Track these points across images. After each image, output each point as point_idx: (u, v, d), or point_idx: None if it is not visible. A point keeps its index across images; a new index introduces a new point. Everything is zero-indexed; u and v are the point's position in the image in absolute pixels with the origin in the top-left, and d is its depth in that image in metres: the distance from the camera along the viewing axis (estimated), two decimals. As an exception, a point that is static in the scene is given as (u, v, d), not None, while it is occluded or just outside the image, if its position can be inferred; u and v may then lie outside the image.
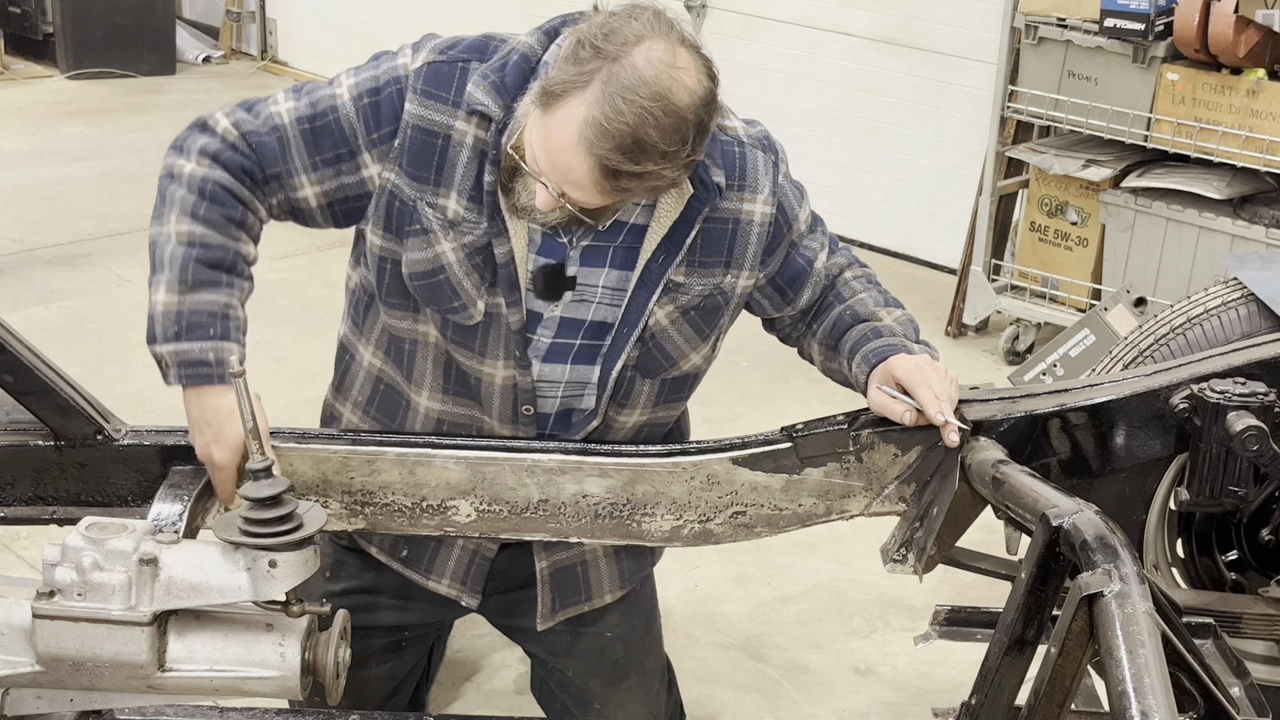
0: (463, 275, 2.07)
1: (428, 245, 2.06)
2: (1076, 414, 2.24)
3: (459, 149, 2.03)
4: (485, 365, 2.13)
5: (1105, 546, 1.72)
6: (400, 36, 2.15)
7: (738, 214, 2.12)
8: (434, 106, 2.03)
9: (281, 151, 2.07)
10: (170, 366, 2.01)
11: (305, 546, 1.57)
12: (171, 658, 1.58)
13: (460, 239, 2.05)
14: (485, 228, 2.04)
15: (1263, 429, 2.14)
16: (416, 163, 2.04)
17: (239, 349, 2.02)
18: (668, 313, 2.13)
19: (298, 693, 1.61)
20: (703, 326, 2.17)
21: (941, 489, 2.19)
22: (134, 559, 1.54)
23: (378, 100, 2.05)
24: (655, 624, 2.53)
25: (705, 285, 2.13)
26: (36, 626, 1.54)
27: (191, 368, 1.99)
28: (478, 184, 2.03)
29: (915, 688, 3.33)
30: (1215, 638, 2.26)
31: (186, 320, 2.00)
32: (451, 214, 2.04)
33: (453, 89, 2.03)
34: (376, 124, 2.05)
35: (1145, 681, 1.47)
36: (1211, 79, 4.51)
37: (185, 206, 2.04)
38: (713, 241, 2.12)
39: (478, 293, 2.07)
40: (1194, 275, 4.66)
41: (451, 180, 2.03)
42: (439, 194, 2.04)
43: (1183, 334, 2.68)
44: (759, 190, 2.13)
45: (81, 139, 7.33)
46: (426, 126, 2.03)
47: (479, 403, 2.17)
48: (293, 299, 5.27)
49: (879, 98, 6.15)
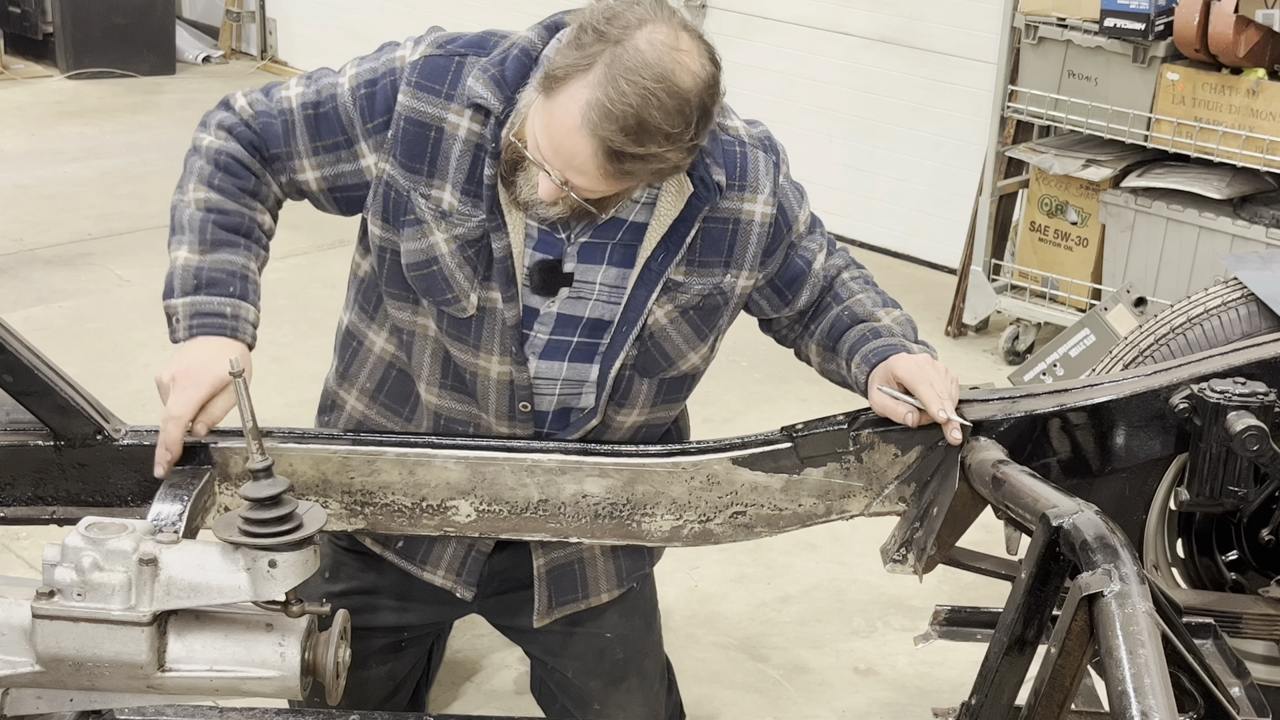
0: (455, 267, 2.08)
1: (421, 235, 2.08)
2: (1076, 414, 2.24)
3: (451, 142, 2.04)
4: (480, 359, 2.14)
5: (1105, 546, 1.72)
6: (400, 36, 2.16)
7: (738, 214, 2.12)
8: (426, 99, 2.05)
9: (285, 134, 2.13)
10: (182, 320, 2.06)
11: (305, 546, 1.57)
12: (171, 658, 1.58)
13: (452, 230, 2.06)
14: (481, 221, 2.05)
15: (1263, 429, 2.14)
16: (409, 154, 2.06)
17: (254, 310, 2.10)
18: (667, 312, 2.13)
19: (298, 693, 1.61)
20: (702, 327, 2.17)
21: (941, 489, 2.19)
22: (134, 559, 1.54)
23: (374, 91, 2.09)
24: (655, 625, 2.53)
25: (705, 285, 2.13)
26: (36, 626, 1.54)
27: (205, 318, 2.05)
28: (471, 178, 2.04)
29: (915, 688, 3.33)
30: (1215, 638, 2.26)
31: (206, 276, 2.07)
32: (445, 205, 2.06)
33: (446, 82, 2.04)
34: (371, 114, 2.08)
35: (1145, 681, 1.47)
36: (1212, 79, 4.51)
37: (202, 175, 2.14)
38: (712, 241, 2.12)
39: (470, 285, 2.08)
40: (1194, 275, 4.66)
41: (445, 172, 2.05)
42: (432, 185, 2.06)
43: (1183, 334, 2.68)
44: (760, 190, 2.13)
45: (81, 139, 7.33)
46: (418, 118, 2.05)
47: (475, 398, 2.17)
48: (292, 299, 5.27)
49: (879, 97, 6.14)
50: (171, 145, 7.27)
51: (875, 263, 6.16)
